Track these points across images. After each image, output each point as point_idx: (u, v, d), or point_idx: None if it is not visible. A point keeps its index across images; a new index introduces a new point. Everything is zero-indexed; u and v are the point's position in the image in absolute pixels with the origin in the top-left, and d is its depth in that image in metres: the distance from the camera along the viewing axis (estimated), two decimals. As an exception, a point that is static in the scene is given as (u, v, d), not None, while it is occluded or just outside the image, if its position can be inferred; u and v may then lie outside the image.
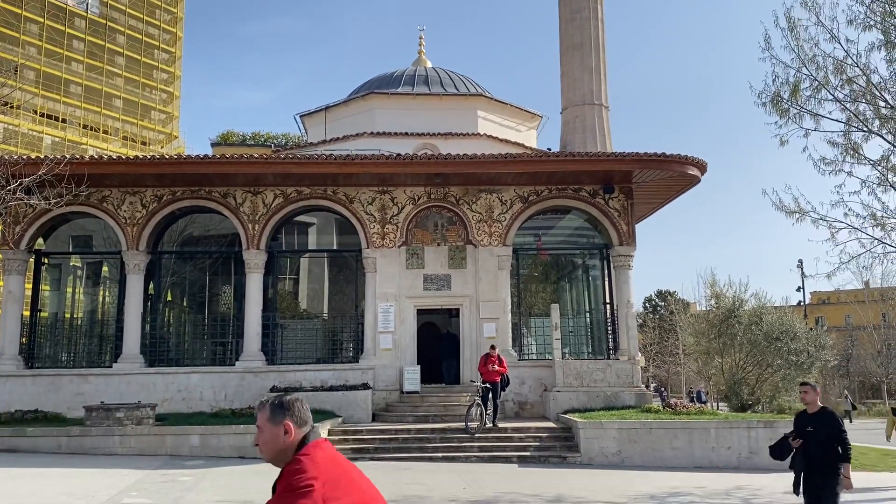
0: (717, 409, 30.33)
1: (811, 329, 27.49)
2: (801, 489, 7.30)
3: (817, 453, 7.19)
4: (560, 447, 16.27)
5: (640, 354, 20.82)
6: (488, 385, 16.96)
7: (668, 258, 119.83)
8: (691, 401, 36.59)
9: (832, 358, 27.75)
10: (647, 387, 48.92)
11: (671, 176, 20.71)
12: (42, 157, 20.37)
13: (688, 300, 45.17)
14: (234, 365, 19.99)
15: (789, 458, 7.46)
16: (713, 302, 27.58)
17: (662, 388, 51.09)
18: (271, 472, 9.65)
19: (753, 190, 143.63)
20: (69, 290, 23.33)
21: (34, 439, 15.74)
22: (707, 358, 27.89)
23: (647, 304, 78.63)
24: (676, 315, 39.61)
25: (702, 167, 20.53)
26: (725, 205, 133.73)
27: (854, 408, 35.00)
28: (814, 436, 7.23)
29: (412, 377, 19.50)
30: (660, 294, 75.39)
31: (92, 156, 21.47)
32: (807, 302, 49.43)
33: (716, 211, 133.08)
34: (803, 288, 40.35)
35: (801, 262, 38.68)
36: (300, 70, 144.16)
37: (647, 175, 20.71)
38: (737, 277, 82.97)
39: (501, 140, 30.04)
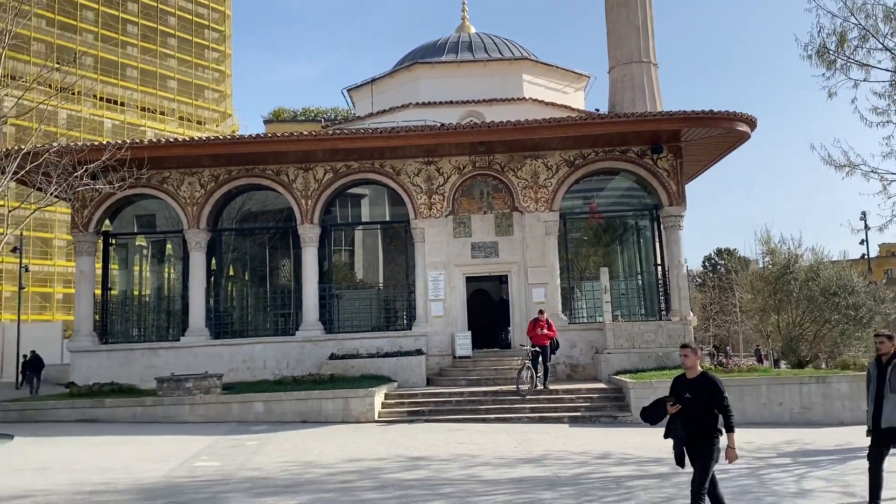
0: (775, 367, 30.01)
1: (870, 283, 26.85)
2: (683, 461, 6.84)
3: (696, 421, 6.70)
4: (611, 407, 16.56)
5: (692, 314, 20.83)
6: (538, 349, 17.31)
7: (729, 215, 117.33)
8: (759, 360, 36.09)
9: (894, 311, 27.01)
10: (716, 348, 48.22)
11: (720, 133, 20.50)
12: (105, 142, 21.34)
13: (748, 258, 44.28)
14: (294, 335, 20.82)
15: (666, 428, 7.00)
16: (768, 259, 27.13)
17: (728, 347, 50.10)
18: (332, 435, 10.56)
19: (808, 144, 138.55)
20: (136, 268, 24.53)
21: (112, 410, 16.83)
22: (764, 315, 27.52)
23: (706, 263, 77.44)
24: (733, 274, 39.03)
25: (751, 123, 20.21)
26: (785, 159, 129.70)
27: None
28: (692, 403, 6.73)
29: (463, 342, 20.01)
30: (719, 252, 74.17)
31: (150, 139, 22.36)
32: (875, 255, 47.93)
33: (777, 165, 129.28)
34: (867, 241, 39.11)
35: (864, 214, 37.44)
36: (348, 42, 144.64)
37: (696, 133, 20.52)
38: (798, 233, 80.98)
39: (548, 103, 29.94)
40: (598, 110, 33.00)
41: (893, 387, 7.60)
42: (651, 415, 6.98)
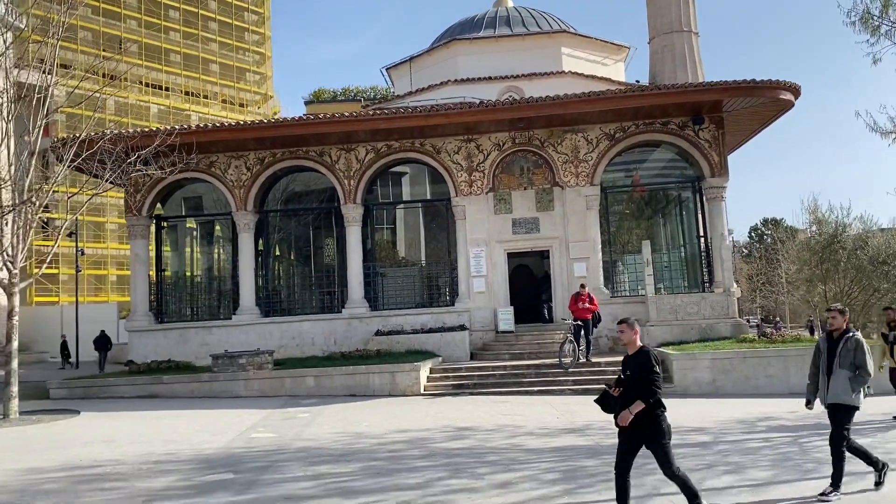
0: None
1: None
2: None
3: (634, 399, 6.19)
4: (654, 379, 16.68)
5: (735, 286, 20.75)
6: (580, 322, 17.51)
7: (777, 183, 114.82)
8: (811, 332, 35.67)
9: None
10: (763, 320, 47.34)
11: (763, 102, 20.26)
12: (154, 128, 22.00)
13: (796, 228, 43.63)
14: (340, 312, 21.37)
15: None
16: (815, 228, 26.83)
17: (778, 319, 49.28)
18: (380, 408, 11.06)
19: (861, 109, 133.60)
20: (187, 250, 25.33)
21: (170, 386, 17.60)
22: (810, 286, 27.27)
23: (752, 234, 76.34)
24: (779, 244, 38.52)
25: (795, 91, 19.93)
26: (832, 126, 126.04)
27: None
28: (631, 380, 6.29)
29: (506, 317, 20.29)
30: (766, 222, 73.06)
31: (197, 125, 22.98)
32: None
33: (826, 132, 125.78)
34: (919, 208, 38.14)
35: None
36: (385, 19, 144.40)
37: (738, 103, 20.32)
38: (847, 202, 79.07)
39: (587, 76, 29.80)
40: (638, 82, 32.72)
41: (843, 362, 7.37)
42: (605, 405, 6.48)
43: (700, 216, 22.08)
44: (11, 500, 8.01)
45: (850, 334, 7.50)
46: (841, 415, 7.39)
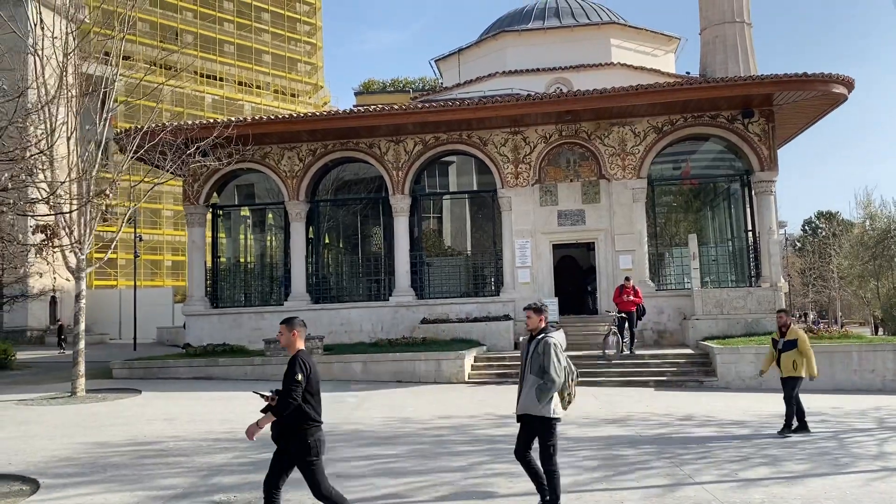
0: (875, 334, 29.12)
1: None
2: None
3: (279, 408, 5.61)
4: (697, 372, 16.79)
5: (782, 281, 20.60)
6: (624, 314, 17.64)
7: (835, 175, 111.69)
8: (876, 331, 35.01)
9: None
10: (806, 315, 46.58)
11: (815, 95, 20.00)
12: (211, 120, 22.76)
13: (852, 221, 42.72)
14: (387, 300, 21.88)
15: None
16: (867, 223, 26.33)
17: (840, 314, 48.04)
18: (425, 394, 11.51)
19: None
20: (241, 237, 26.17)
21: (224, 368, 18.32)
22: (862, 281, 26.82)
23: (806, 227, 74.80)
24: (831, 237, 37.79)
25: (848, 84, 19.65)
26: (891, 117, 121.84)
27: None
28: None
29: (550, 309, 20.49)
30: (820, 216, 71.48)
31: (253, 117, 23.66)
32: None
33: (883, 123, 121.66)
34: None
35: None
36: (434, 9, 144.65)
37: (789, 96, 20.11)
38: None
39: (636, 68, 29.67)
40: (688, 73, 32.47)
41: (533, 367, 6.28)
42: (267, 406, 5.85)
43: (749, 210, 21.94)
44: (82, 472, 8.64)
45: (542, 336, 6.37)
46: (538, 429, 6.32)
